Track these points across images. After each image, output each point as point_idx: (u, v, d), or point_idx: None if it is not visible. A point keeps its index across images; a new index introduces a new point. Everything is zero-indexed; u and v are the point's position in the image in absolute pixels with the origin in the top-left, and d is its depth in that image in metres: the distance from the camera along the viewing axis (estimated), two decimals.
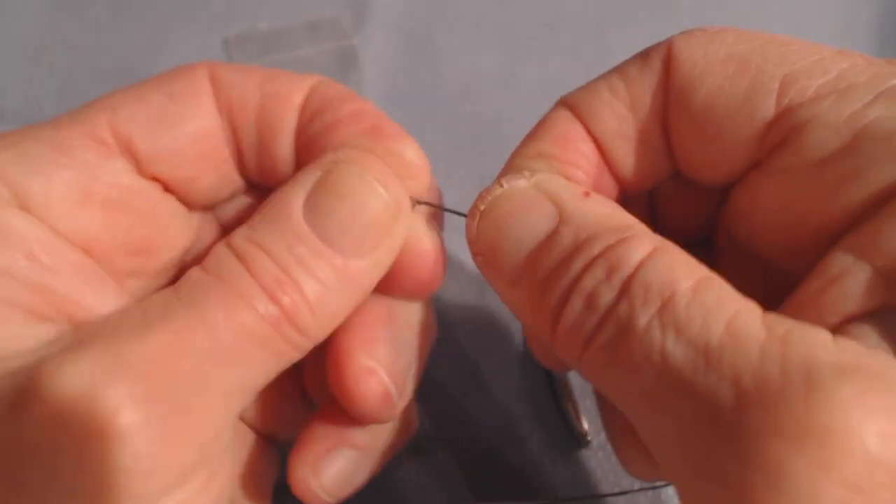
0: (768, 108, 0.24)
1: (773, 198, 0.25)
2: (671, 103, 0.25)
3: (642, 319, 0.20)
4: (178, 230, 0.28)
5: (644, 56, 0.26)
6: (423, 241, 0.27)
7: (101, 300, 0.25)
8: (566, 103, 0.27)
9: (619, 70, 0.27)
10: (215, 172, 0.28)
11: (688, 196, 0.29)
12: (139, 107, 0.26)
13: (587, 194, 0.24)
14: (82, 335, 0.22)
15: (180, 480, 0.22)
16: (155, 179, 0.27)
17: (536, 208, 0.24)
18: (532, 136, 0.28)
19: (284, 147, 0.28)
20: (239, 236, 0.24)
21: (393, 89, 0.51)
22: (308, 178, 0.25)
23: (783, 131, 0.24)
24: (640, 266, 0.21)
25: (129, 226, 0.26)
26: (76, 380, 0.20)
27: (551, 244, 0.23)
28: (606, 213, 0.24)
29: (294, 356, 0.24)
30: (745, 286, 0.21)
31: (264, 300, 0.22)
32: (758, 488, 0.17)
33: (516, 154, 0.27)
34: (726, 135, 0.24)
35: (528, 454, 0.39)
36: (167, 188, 0.28)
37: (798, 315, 0.21)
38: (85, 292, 0.24)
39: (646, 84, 0.26)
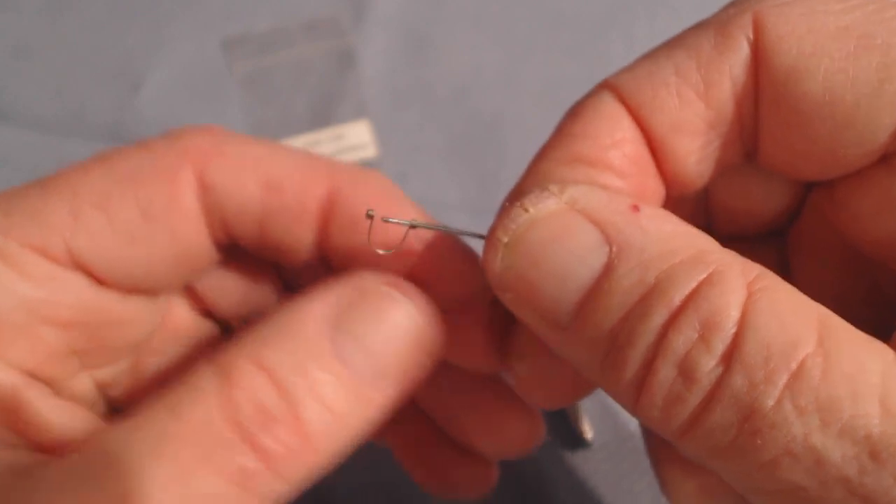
0: None
1: None
2: (769, 89, 0.21)
3: (769, 400, 0.17)
4: (139, 323, 0.25)
5: (719, 30, 0.21)
6: None
7: (68, 378, 0.23)
8: (612, 87, 0.22)
9: (685, 47, 0.22)
10: (189, 273, 0.26)
11: (757, 190, 0.25)
12: (102, 222, 0.22)
13: (636, 208, 0.20)
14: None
15: None
16: (115, 287, 0.24)
17: (577, 234, 0.19)
18: (565, 132, 0.22)
19: (300, 256, 0.25)
20: (234, 352, 0.20)
21: (391, 88, 0.51)
22: (337, 296, 0.21)
23: None
24: (744, 321, 0.17)
25: (80, 335, 0.23)
26: None
27: (610, 283, 0.19)
28: (669, 235, 0.19)
29: None
30: (828, 284, 0.19)
31: (238, 451, 0.19)
32: None
33: (544, 156, 0.22)
34: (856, 125, 0.20)
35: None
36: (129, 292, 0.25)
37: None
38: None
39: (727, 66, 0.21)
